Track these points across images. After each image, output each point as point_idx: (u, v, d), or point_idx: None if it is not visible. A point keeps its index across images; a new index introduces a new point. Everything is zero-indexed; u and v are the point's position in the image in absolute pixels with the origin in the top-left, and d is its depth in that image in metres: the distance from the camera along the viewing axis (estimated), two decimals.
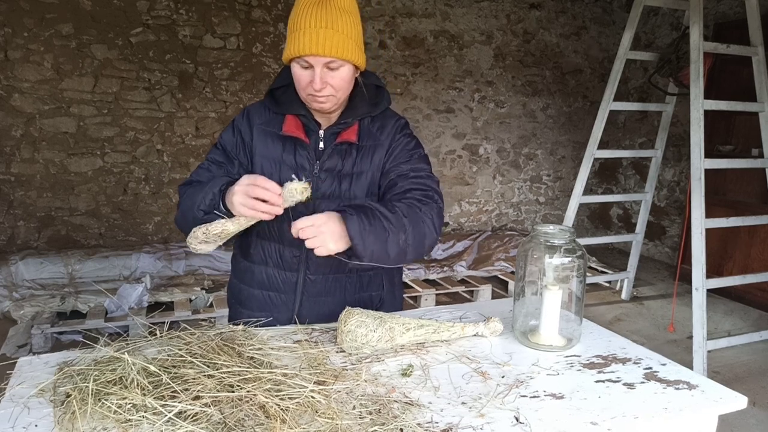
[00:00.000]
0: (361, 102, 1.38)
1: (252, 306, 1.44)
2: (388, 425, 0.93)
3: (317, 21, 1.20)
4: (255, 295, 1.44)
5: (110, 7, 4.00)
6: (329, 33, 1.20)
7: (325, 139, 1.37)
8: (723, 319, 3.96)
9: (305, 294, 1.41)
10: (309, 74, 1.25)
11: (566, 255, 1.29)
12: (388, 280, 1.52)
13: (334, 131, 1.36)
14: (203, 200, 1.26)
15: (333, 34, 1.21)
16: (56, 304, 3.32)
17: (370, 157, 1.38)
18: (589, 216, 6.15)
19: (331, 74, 1.25)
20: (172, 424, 0.89)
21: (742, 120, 4.36)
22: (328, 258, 1.23)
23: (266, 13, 4.41)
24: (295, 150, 1.36)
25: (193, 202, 1.28)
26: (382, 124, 1.41)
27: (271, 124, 1.38)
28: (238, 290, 1.48)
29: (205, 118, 4.39)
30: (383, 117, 1.43)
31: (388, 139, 1.40)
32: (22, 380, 1.06)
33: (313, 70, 1.24)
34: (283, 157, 1.36)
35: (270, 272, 1.41)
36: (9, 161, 3.95)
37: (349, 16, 1.25)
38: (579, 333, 1.32)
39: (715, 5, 4.62)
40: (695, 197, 3.09)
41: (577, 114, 5.76)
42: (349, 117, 1.36)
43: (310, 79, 1.25)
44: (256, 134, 1.38)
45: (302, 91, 1.29)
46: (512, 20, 5.28)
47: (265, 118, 1.39)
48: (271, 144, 1.37)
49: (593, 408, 1.04)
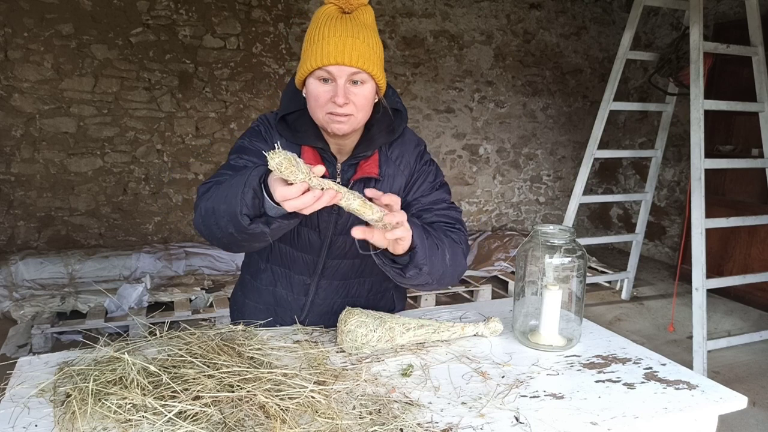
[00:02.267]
0: (378, 132, 1.28)
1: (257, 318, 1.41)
2: (388, 425, 0.93)
3: (343, 30, 1.13)
4: (261, 311, 1.42)
5: (110, 7, 4.00)
6: (356, 43, 1.13)
7: (343, 172, 1.28)
8: (723, 319, 3.96)
9: (311, 315, 1.39)
10: (330, 89, 1.15)
11: (566, 255, 1.29)
12: (399, 295, 1.51)
13: (352, 163, 1.28)
14: (243, 201, 1.02)
15: (360, 45, 1.13)
16: (56, 304, 3.32)
17: (389, 186, 1.30)
18: (589, 216, 6.15)
19: (354, 90, 1.16)
20: (172, 424, 0.89)
21: (742, 120, 4.36)
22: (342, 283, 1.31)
23: (266, 13, 4.41)
24: None
25: (230, 207, 1.05)
26: (401, 151, 1.32)
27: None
28: (242, 303, 1.47)
29: (205, 118, 4.39)
30: (402, 142, 1.34)
31: (408, 168, 1.33)
32: (22, 380, 1.06)
33: (335, 84, 1.14)
34: None
35: (279, 293, 1.39)
36: (9, 161, 3.95)
37: (374, 32, 1.19)
38: (579, 333, 1.32)
39: (715, 5, 4.62)
40: (695, 197, 3.09)
41: (577, 114, 5.76)
42: (367, 148, 1.26)
43: (332, 95, 1.14)
44: None
45: (320, 109, 1.17)
46: (512, 20, 5.28)
47: (282, 144, 1.25)
48: None
49: (593, 408, 1.04)
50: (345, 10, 1.17)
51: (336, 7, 1.16)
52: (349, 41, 1.12)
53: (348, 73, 1.14)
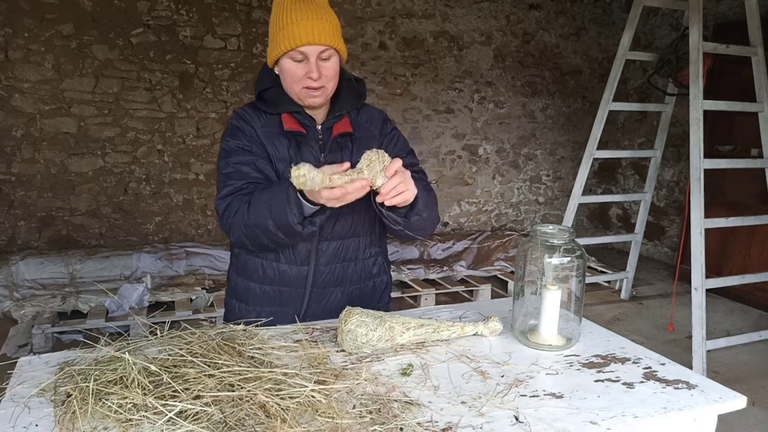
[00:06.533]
0: (347, 95, 1.44)
1: (261, 302, 1.45)
2: (388, 424, 0.93)
3: (308, 13, 1.27)
4: (266, 292, 1.45)
5: (111, 8, 4.00)
6: (322, 23, 1.28)
7: (323, 133, 1.42)
8: (722, 318, 3.96)
9: (314, 286, 1.44)
10: (303, 66, 1.30)
11: (565, 255, 1.29)
12: (387, 264, 1.60)
13: (328, 125, 1.42)
14: (292, 215, 1.22)
15: (325, 24, 1.29)
16: (57, 303, 3.33)
17: (365, 148, 1.40)
18: (588, 216, 6.15)
19: (324, 65, 1.31)
20: (172, 423, 0.89)
21: (741, 120, 4.36)
22: (340, 243, 1.42)
23: (267, 14, 4.41)
24: (299, 146, 1.39)
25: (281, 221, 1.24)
26: (368, 116, 1.48)
27: (270, 125, 1.40)
28: (244, 288, 1.48)
29: (205, 119, 4.39)
30: (367, 109, 1.50)
31: (377, 131, 1.48)
32: (23, 380, 1.06)
33: (308, 62, 1.30)
34: (290, 154, 1.39)
35: (282, 267, 1.43)
36: (10, 161, 3.96)
37: (330, 9, 1.34)
38: (578, 332, 1.33)
39: (715, 5, 4.62)
40: (694, 197, 3.10)
41: (577, 114, 5.76)
42: (339, 110, 1.42)
43: (305, 72, 1.30)
44: (262, 136, 1.40)
45: (296, 84, 1.33)
46: (512, 21, 5.28)
47: (263, 120, 1.41)
48: (278, 144, 1.39)
49: (593, 407, 1.04)
50: None
51: None
52: (317, 23, 1.28)
53: (318, 51, 1.30)
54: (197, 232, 4.53)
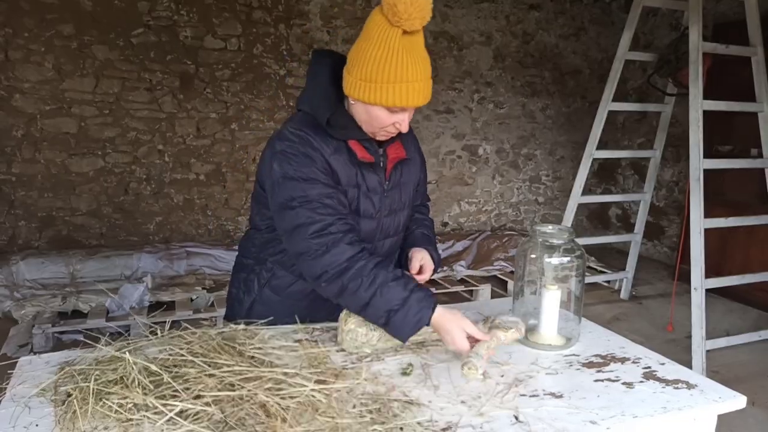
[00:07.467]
0: None
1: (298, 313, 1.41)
2: (388, 424, 0.93)
3: (423, 73, 1.24)
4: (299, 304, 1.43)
5: (111, 8, 4.00)
6: (429, 84, 1.27)
7: (383, 158, 1.43)
8: (722, 318, 3.96)
9: None
10: (395, 117, 1.28)
11: (565, 255, 1.29)
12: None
13: (384, 148, 1.43)
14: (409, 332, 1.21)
15: (430, 84, 1.28)
16: (57, 303, 3.33)
17: (410, 168, 1.50)
18: (587, 216, 6.15)
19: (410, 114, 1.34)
20: (173, 423, 0.89)
21: (741, 120, 4.35)
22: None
23: (267, 15, 4.42)
24: (365, 173, 1.37)
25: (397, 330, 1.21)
26: (406, 135, 1.46)
27: (339, 151, 1.34)
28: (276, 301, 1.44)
29: (206, 119, 4.39)
30: None
31: (415, 149, 1.54)
32: (23, 380, 1.07)
33: (401, 114, 1.28)
34: (358, 182, 1.36)
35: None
36: (10, 161, 3.96)
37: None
38: (578, 332, 1.33)
39: (715, 5, 4.62)
40: (694, 197, 3.10)
41: (576, 114, 5.76)
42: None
43: (394, 121, 1.29)
44: (333, 164, 1.33)
45: (378, 128, 1.31)
46: (511, 21, 5.28)
47: (332, 146, 1.33)
48: (349, 170, 1.35)
49: (592, 407, 1.04)
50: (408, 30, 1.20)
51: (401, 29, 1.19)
52: (427, 84, 1.25)
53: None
54: (198, 232, 4.53)
